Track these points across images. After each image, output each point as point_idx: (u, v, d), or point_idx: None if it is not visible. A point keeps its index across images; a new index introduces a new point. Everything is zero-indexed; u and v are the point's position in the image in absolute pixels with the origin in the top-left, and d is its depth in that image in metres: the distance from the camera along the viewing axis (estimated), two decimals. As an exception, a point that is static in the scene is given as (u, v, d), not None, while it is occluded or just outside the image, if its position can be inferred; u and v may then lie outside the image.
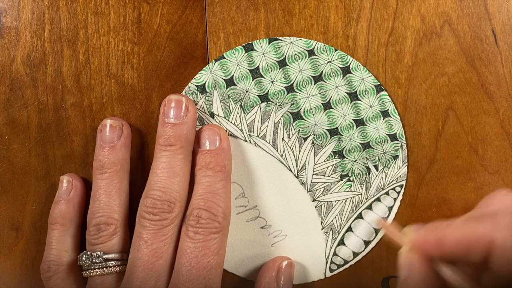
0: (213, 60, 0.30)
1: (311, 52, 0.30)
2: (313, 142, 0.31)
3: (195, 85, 0.30)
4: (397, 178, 0.31)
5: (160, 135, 0.28)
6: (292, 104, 0.31)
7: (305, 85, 0.31)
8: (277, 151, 0.31)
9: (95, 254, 0.28)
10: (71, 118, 0.31)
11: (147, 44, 0.31)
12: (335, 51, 0.30)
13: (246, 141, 0.31)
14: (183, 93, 0.31)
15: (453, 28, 0.30)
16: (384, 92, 0.31)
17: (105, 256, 0.28)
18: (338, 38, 0.31)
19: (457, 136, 0.31)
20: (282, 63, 0.31)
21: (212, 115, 0.31)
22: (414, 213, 0.32)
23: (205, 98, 0.31)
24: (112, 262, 0.28)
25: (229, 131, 0.31)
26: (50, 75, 0.31)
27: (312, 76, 0.31)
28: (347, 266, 0.32)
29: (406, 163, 0.31)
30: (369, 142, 0.31)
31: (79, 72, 0.31)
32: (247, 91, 0.30)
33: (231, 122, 0.31)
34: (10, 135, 0.31)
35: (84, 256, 0.28)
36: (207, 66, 0.31)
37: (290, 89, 0.31)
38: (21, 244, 0.32)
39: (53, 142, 0.31)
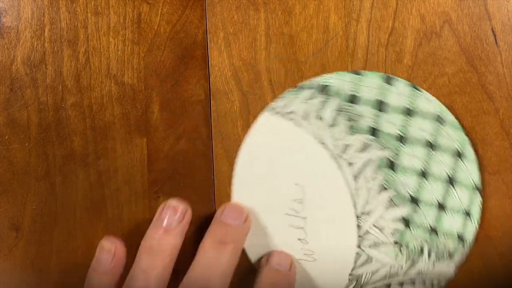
0: (352, 72, 0.30)
1: (441, 120, 0.30)
2: (391, 198, 0.30)
3: (320, 82, 0.30)
4: (441, 274, 0.30)
5: (215, 232, 0.28)
6: (395, 153, 0.30)
7: (416, 145, 0.30)
8: (354, 184, 0.30)
9: None
10: (71, 118, 0.31)
11: (147, 44, 0.31)
12: (462, 132, 0.30)
13: (332, 157, 0.30)
14: (306, 83, 0.30)
15: (453, 28, 0.30)
16: (479, 199, 0.30)
17: None
18: (338, 38, 0.31)
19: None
20: (409, 113, 0.30)
21: (319, 117, 0.30)
22: (414, 213, 0.31)
23: (320, 100, 0.30)
24: None
25: (324, 141, 0.30)
26: (50, 75, 0.31)
27: (428, 141, 0.30)
28: None
29: (456, 268, 0.30)
30: (437, 229, 0.30)
31: (79, 72, 0.31)
32: (362, 116, 0.30)
33: (331, 134, 0.30)
34: (10, 135, 0.31)
35: None
36: (342, 72, 0.30)
37: (401, 139, 0.30)
38: (21, 244, 0.32)
39: (53, 142, 0.31)
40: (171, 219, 0.27)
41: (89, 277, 0.28)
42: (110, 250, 0.28)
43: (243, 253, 0.31)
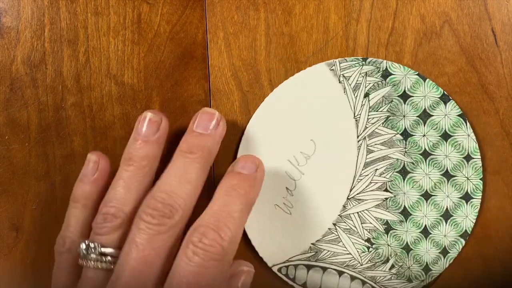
0: (417, 72, 0.30)
1: (468, 158, 0.30)
2: (386, 199, 0.31)
3: (386, 67, 0.30)
4: None
5: (183, 142, 0.28)
6: (413, 163, 0.30)
7: (436, 167, 0.30)
8: (362, 170, 0.31)
9: (92, 244, 0.26)
10: (71, 118, 0.31)
11: (147, 44, 0.31)
12: (479, 176, 0.30)
13: (357, 137, 0.30)
14: (373, 60, 0.30)
15: (453, 28, 0.30)
16: (463, 241, 0.30)
17: (102, 249, 0.26)
18: (338, 38, 0.31)
19: (457, 136, 0.31)
20: (445, 136, 0.30)
21: (366, 95, 0.30)
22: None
23: (377, 81, 0.30)
24: (109, 258, 0.27)
25: (359, 117, 0.30)
26: (50, 75, 0.31)
27: (447, 169, 0.30)
28: (289, 281, 0.31)
29: None
30: (412, 250, 0.31)
31: (79, 72, 0.31)
32: (404, 116, 0.30)
33: (369, 115, 0.30)
34: (10, 135, 0.31)
35: (82, 243, 0.27)
36: (409, 69, 0.30)
37: (426, 155, 0.30)
38: (21, 244, 0.32)
39: (53, 142, 0.31)
40: (147, 130, 0.28)
41: (74, 188, 0.29)
42: (95, 162, 0.29)
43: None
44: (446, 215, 0.30)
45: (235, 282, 0.28)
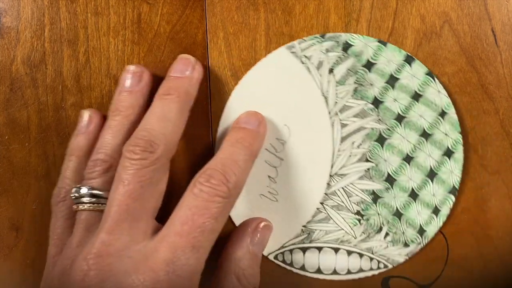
0: (378, 40, 0.30)
1: (442, 113, 0.30)
2: (369, 169, 0.31)
3: (346, 39, 0.30)
4: (390, 258, 0.31)
5: (161, 87, 0.29)
6: (388, 129, 0.30)
7: (412, 129, 0.30)
8: (340, 145, 0.31)
9: (83, 188, 0.27)
10: (71, 118, 0.31)
11: (147, 44, 0.31)
12: (459, 132, 0.30)
13: (329, 113, 0.30)
14: (331, 35, 0.30)
15: (453, 28, 0.30)
16: (453, 197, 0.30)
17: (93, 192, 0.27)
18: (338, 38, 0.31)
19: (457, 136, 0.31)
20: (416, 97, 0.30)
21: (331, 71, 0.30)
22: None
23: (339, 55, 0.30)
24: (100, 199, 0.27)
25: (327, 94, 0.30)
26: (50, 75, 0.31)
27: (424, 129, 0.30)
28: (286, 267, 0.31)
29: (407, 258, 0.31)
30: (403, 214, 0.31)
31: (79, 72, 0.31)
32: (371, 84, 0.30)
33: (336, 90, 0.30)
34: (10, 135, 0.31)
35: (74, 188, 0.28)
36: (368, 37, 0.30)
37: (400, 118, 0.30)
38: (21, 244, 0.32)
39: (53, 142, 0.31)
40: (130, 81, 0.29)
41: (70, 142, 0.30)
42: (89, 116, 0.30)
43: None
44: (431, 174, 0.30)
45: (256, 233, 0.29)
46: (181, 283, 0.24)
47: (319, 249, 0.31)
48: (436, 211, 0.31)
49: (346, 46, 0.30)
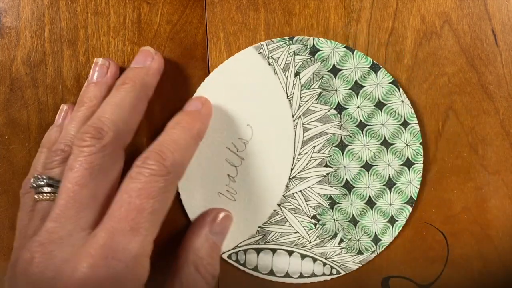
0: (345, 46, 0.30)
1: (405, 123, 0.30)
2: (328, 174, 0.31)
3: (313, 43, 0.30)
4: (343, 265, 0.31)
5: (119, 77, 0.29)
6: (350, 136, 0.30)
7: (373, 137, 0.30)
8: (300, 149, 0.31)
9: (41, 177, 0.27)
10: (71, 118, 0.31)
11: (147, 44, 0.31)
12: (419, 143, 0.30)
13: (292, 116, 0.30)
14: (300, 38, 0.30)
15: (453, 28, 0.30)
16: (409, 208, 0.31)
17: (49, 181, 0.27)
18: (338, 38, 0.31)
19: (457, 136, 0.31)
20: (379, 105, 0.30)
21: (297, 74, 0.30)
22: (414, 213, 0.32)
23: (306, 58, 0.30)
24: (58, 189, 0.27)
25: (292, 97, 0.30)
26: (50, 75, 0.31)
27: (385, 137, 0.30)
28: (240, 267, 0.31)
29: (360, 266, 0.31)
30: (359, 222, 0.31)
31: (79, 72, 0.31)
32: (336, 90, 0.30)
33: (301, 94, 0.30)
34: (10, 135, 0.31)
35: (33, 178, 0.28)
36: (336, 42, 0.30)
37: (362, 126, 0.30)
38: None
39: (53, 142, 0.31)
40: (96, 74, 0.30)
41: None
42: (66, 110, 0.30)
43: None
44: (390, 184, 0.31)
45: (215, 223, 0.29)
46: (121, 267, 0.24)
47: (273, 251, 0.31)
48: (392, 220, 0.31)
49: (314, 50, 0.30)
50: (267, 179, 0.31)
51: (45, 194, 0.27)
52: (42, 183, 0.27)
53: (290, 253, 0.31)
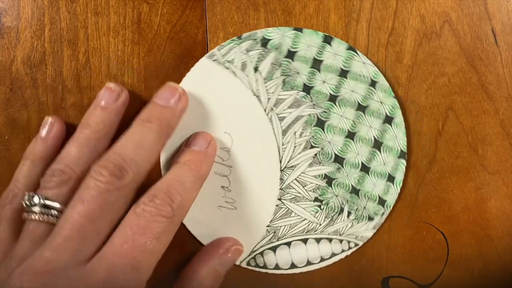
0: (293, 28, 0.30)
1: (373, 83, 0.30)
2: (316, 154, 0.31)
3: (262, 35, 0.30)
4: (358, 235, 0.31)
5: (143, 111, 0.28)
6: (325, 111, 0.31)
7: (347, 106, 0.30)
8: (283, 139, 0.31)
9: (36, 196, 0.26)
10: (71, 118, 0.31)
11: (147, 44, 0.31)
12: (393, 97, 0.30)
13: (265, 110, 0.30)
14: (247, 34, 0.30)
15: (453, 28, 0.30)
16: (404, 161, 0.31)
17: (46, 202, 0.26)
18: (338, 38, 0.31)
19: (457, 136, 0.31)
20: (343, 74, 0.30)
21: (256, 69, 0.30)
22: (414, 213, 0.32)
23: (261, 51, 0.30)
24: (52, 211, 0.26)
25: (258, 92, 0.30)
26: (50, 75, 0.31)
27: (358, 103, 0.30)
28: (261, 270, 0.31)
29: (375, 231, 0.31)
30: (359, 190, 0.31)
31: (79, 72, 0.31)
32: (298, 73, 0.30)
33: (266, 86, 0.30)
34: (10, 135, 0.31)
35: (27, 195, 0.27)
36: (284, 27, 0.30)
37: (333, 98, 0.30)
38: (21, 244, 0.32)
39: (53, 142, 0.31)
40: (106, 98, 0.29)
41: (28, 146, 0.30)
42: (51, 123, 0.30)
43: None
44: (377, 144, 0.31)
45: (220, 261, 0.29)
46: None
47: (288, 244, 0.31)
48: (391, 178, 0.31)
49: (265, 42, 0.30)
50: (260, 179, 0.31)
51: (38, 215, 0.26)
52: (37, 202, 0.26)
53: (305, 241, 0.31)
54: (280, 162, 0.31)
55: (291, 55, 0.30)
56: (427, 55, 0.30)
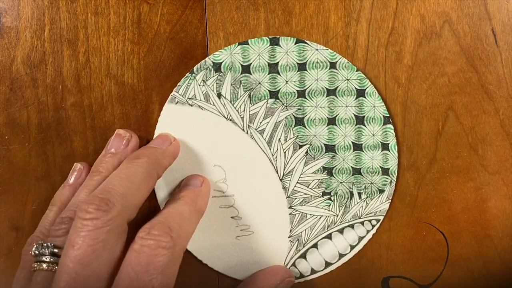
0: (237, 43, 0.30)
1: (333, 65, 0.30)
2: (307, 152, 0.31)
3: (212, 61, 0.30)
4: (376, 211, 0.31)
5: (133, 153, 0.29)
6: (299, 109, 0.31)
7: (317, 95, 0.31)
8: (270, 149, 0.31)
9: (45, 244, 0.26)
10: (71, 118, 0.31)
11: (147, 44, 0.31)
12: (356, 71, 0.30)
13: (243, 130, 0.31)
14: (198, 66, 0.30)
15: (453, 28, 0.30)
16: (390, 126, 0.31)
17: (54, 250, 0.26)
18: (338, 38, 0.31)
19: (457, 136, 0.31)
20: (302, 67, 0.30)
21: (219, 95, 0.31)
22: (414, 213, 0.32)
23: (217, 77, 0.30)
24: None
25: (230, 116, 0.31)
26: (50, 75, 0.31)
27: (326, 88, 0.31)
28: (300, 280, 0.32)
29: (390, 201, 0.31)
30: (360, 168, 0.31)
31: (79, 72, 0.31)
32: (259, 83, 0.30)
33: (235, 108, 0.31)
34: (10, 135, 0.31)
35: (35, 245, 0.26)
36: (229, 46, 0.30)
37: (301, 94, 0.31)
38: (21, 244, 0.32)
39: (53, 142, 0.31)
40: (116, 144, 0.29)
41: (56, 192, 0.30)
42: (79, 169, 0.30)
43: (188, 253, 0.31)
44: (359, 120, 0.31)
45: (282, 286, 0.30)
46: None
47: (315, 245, 0.31)
48: (384, 146, 0.31)
49: (217, 66, 0.31)
50: (264, 195, 0.31)
51: (46, 264, 0.26)
52: (45, 251, 0.26)
53: (329, 236, 0.32)
54: (277, 172, 0.31)
55: (246, 69, 0.31)
56: (427, 55, 0.30)
